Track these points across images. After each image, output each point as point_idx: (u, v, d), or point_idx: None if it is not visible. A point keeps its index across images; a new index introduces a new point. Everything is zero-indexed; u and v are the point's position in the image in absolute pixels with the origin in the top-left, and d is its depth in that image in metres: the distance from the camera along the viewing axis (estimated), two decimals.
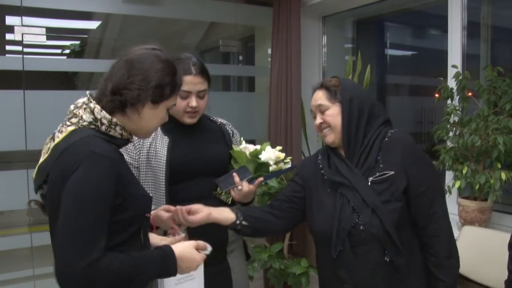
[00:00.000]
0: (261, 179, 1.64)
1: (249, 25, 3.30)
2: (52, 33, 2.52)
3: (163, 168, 1.60)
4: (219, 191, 1.67)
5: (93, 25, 2.97)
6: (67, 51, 2.60)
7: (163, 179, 1.60)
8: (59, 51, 2.70)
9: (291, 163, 1.84)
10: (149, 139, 1.63)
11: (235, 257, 1.77)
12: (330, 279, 1.50)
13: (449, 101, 2.18)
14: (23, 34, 2.35)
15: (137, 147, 1.63)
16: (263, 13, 3.00)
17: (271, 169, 1.76)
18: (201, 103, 1.65)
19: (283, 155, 1.80)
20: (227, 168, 1.71)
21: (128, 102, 1.14)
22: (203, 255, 1.28)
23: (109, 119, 1.14)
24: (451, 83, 2.19)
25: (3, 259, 2.40)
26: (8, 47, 2.56)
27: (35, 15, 2.42)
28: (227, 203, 1.67)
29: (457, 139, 2.02)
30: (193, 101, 1.61)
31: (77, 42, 2.61)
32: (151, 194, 1.46)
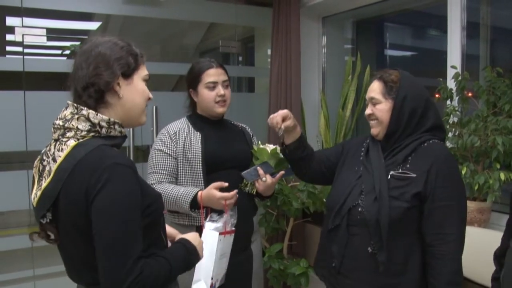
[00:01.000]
0: (282, 172, 1.80)
1: (249, 26, 3.30)
2: (52, 34, 2.52)
3: (199, 159, 1.79)
4: (245, 183, 1.83)
5: (93, 26, 2.96)
6: (68, 52, 2.60)
7: (200, 169, 1.78)
8: (59, 52, 2.70)
9: None
10: (183, 134, 1.80)
11: (256, 246, 1.96)
12: (323, 252, 1.56)
13: (448, 102, 2.19)
14: (23, 35, 2.37)
15: (173, 140, 1.82)
16: (263, 13, 3.01)
17: None
18: (227, 92, 1.86)
19: None
20: (250, 164, 1.86)
21: (102, 87, 1.12)
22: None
23: (106, 119, 1.12)
24: (451, 84, 2.20)
25: (3, 260, 2.41)
26: (8, 48, 2.56)
27: (35, 16, 2.43)
28: (252, 193, 1.84)
29: (457, 140, 2.03)
30: (220, 90, 1.83)
31: (78, 43, 2.61)
32: (189, 182, 1.74)
